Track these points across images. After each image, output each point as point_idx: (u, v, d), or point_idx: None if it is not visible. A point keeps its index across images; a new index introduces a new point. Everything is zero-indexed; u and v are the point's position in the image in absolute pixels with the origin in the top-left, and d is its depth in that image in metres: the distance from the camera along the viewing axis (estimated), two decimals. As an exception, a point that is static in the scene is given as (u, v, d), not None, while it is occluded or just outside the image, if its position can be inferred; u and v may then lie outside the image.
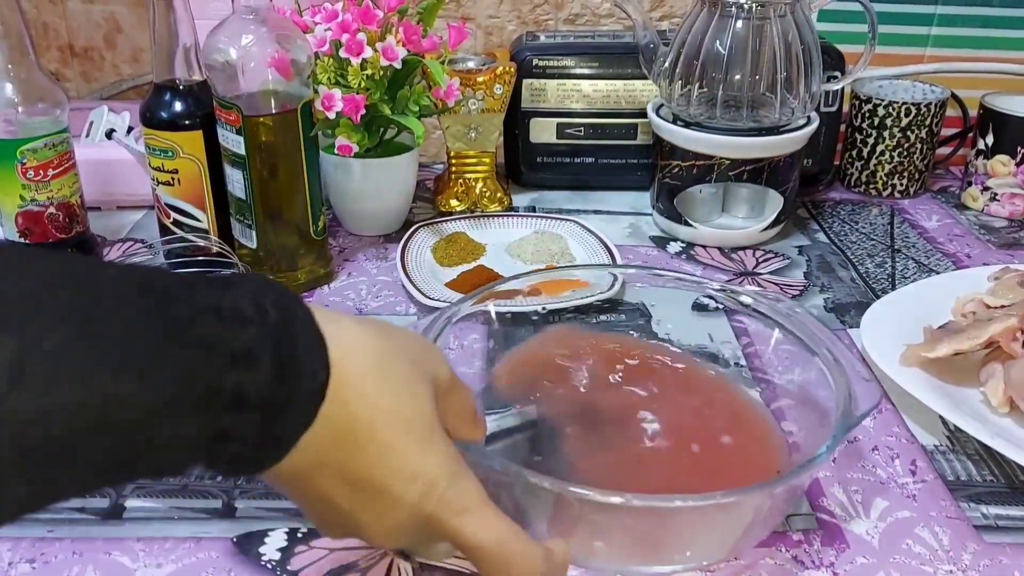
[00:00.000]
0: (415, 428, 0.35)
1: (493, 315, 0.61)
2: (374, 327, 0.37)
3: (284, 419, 0.32)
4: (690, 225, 0.87)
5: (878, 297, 0.76)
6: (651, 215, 0.92)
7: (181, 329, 0.29)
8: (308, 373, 0.33)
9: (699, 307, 0.66)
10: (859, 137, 1.00)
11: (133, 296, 0.28)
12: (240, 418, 0.30)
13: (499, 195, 0.94)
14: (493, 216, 0.89)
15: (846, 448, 0.59)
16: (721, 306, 0.65)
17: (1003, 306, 0.66)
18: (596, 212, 0.95)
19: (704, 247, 0.88)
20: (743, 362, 0.63)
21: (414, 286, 0.74)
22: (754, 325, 0.62)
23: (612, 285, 0.69)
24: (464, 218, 0.88)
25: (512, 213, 0.91)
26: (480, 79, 0.88)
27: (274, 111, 0.70)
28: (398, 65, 0.77)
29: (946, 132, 1.03)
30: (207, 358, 0.29)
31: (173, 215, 0.78)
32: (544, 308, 0.65)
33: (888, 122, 0.97)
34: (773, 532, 0.51)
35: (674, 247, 0.88)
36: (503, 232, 0.87)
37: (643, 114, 0.92)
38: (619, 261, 0.80)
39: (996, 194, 0.96)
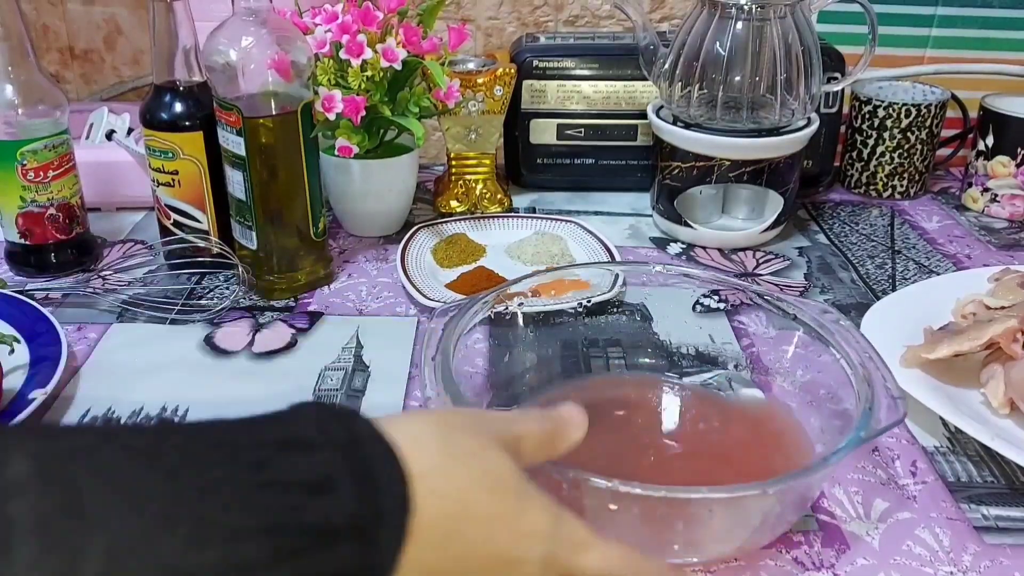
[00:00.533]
0: (505, 489, 0.35)
1: (520, 316, 0.61)
2: (428, 415, 0.37)
3: (380, 536, 0.31)
4: (690, 226, 0.87)
5: (878, 298, 0.76)
6: (651, 216, 0.92)
7: (252, 477, 0.29)
8: (390, 482, 0.32)
9: (700, 308, 0.66)
10: (859, 138, 1.00)
11: (201, 465, 0.28)
12: (335, 551, 0.29)
13: (499, 196, 0.94)
14: (493, 217, 0.89)
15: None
16: (722, 306, 0.65)
17: (1003, 307, 0.66)
18: (596, 213, 0.95)
19: (704, 248, 0.88)
20: (744, 363, 0.63)
21: (414, 287, 0.74)
22: (766, 327, 0.61)
23: (613, 286, 0.69)
24: (464, 219, 0.88)
25: (512, 214, 0.91)
26: (480, 80, 0.88)
27: (274, 112, 0.70)
28: (398, 66, 0.77)
29: (946, 133, 1.03)
30: (284, 500, 0.29)
31: (173, 216, 0.78)
32: (585, 302, 0.65)
33: (888, 123, 0.97)
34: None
35: (674, 248, 0.88)
36: (503, 233, 0.87)
37: (643, 115, 0.92)
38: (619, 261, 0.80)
39: (996, 195, 0.96)
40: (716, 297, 0.68)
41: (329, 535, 0.29)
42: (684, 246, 0.88)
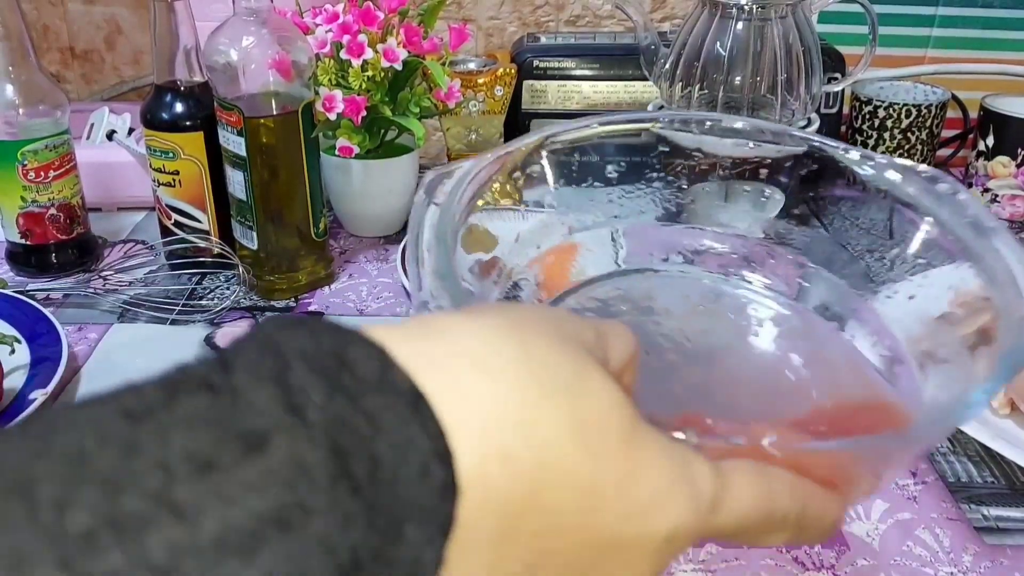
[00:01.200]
0: (611, 438, 0.23)
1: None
2: (496, 314, 0.25)
3: (406, 532, 0.20)
4: (691, 226, 0.87)
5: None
6: (652, 216, 0.92)
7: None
8: (415, 477, 0.20)
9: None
10: (859, 139, 1.00)
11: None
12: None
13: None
14: (506, 209, 0.89)
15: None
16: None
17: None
18: (597, 213, 0.95)
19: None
20: None
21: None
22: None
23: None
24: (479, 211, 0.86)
25: (523, 207, 0.89)
26: (481, 81, 0.88)
27: (275, 112, 0.70)
28: (399, 66, 0.77)
29: (946, 134, 1.03)
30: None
31: (174, 216, 0.78)
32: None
33: (888, 123, 0.97)
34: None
35: (675, 248, 0.88)
36: (516, 224, 0.83)
37: (644, 115, 0.92)
38: (623, 249, 0.78)
39: (997, 196, 0.96)
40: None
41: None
42: (684, 246, 0.88)
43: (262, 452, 0.18)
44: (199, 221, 0.78)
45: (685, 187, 0.71)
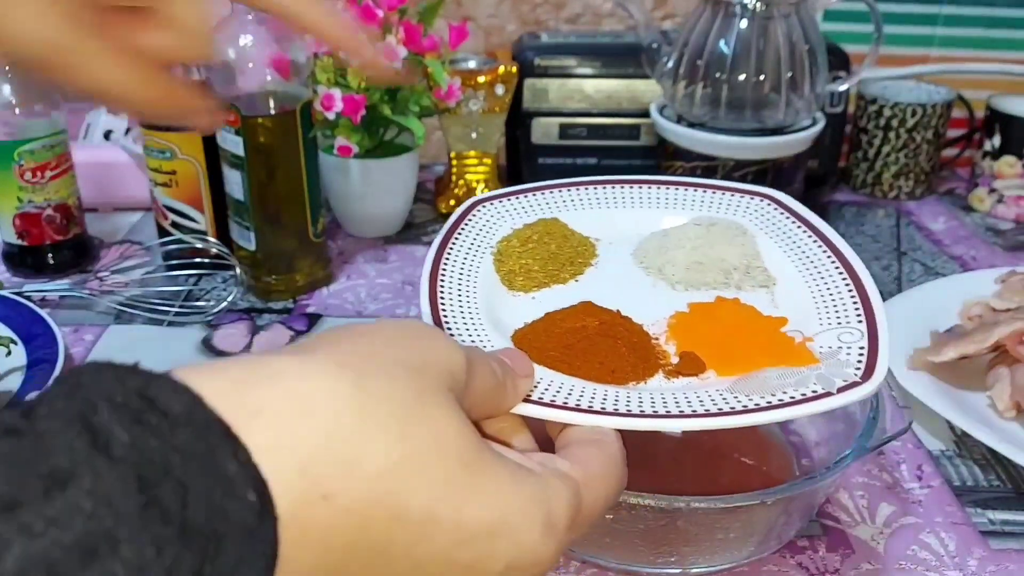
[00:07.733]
0: (450, 464, 0.25)
1: None
2: (340, 349, 0.26)
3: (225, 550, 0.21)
4: (693, 227, 0.86)
5: (884, 300, 0.75)
6: (654, 217, 0.92)
7: None
8: (225, 499, 0.21)
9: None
10: (864, 138, 0.99)
11: None
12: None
13: (500, 196, 0.93)
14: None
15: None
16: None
17: (1009, 309, 0.65)
18: (598, 214, 0.94)
19: (707, 249, 0.87)
20: None
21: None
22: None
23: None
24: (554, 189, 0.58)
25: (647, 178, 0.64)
26: (481, 79, 0.88)
27: (273, 112, 0.70)
28: (399, 65, 0.76)
29: (952, 133, 1.02)
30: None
31: (171, 217, 0.77)
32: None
33: (894, 123, 0.96)
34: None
35: (677, 249, 0.87)
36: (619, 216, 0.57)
37: (646, 114, 0.91)
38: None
39: (1003, 196, 0.95)
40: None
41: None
42: (687, 247, 0.87)
43: (66, 488, 0.19)
44: (196, 221, 0.78)
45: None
